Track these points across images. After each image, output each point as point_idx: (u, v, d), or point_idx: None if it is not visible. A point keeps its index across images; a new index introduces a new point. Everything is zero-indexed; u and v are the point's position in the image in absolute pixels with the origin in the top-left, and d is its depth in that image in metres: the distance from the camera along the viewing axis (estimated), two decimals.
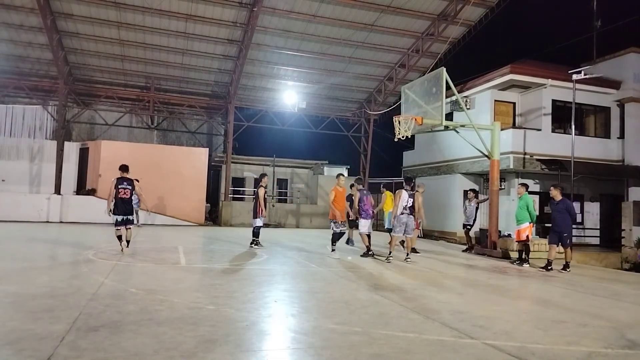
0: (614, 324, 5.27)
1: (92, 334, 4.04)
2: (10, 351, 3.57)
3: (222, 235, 15.08)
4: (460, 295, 6.72)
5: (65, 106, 19.66)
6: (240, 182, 23.54)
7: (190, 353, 3.67)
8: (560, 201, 9.84)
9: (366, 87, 21.90)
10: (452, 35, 17.89)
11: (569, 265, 9.83)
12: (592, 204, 18.18)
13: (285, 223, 21.08)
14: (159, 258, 9.24)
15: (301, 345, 4.08)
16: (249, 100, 22.21)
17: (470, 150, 13.54)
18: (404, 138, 12.17)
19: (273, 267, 8.58)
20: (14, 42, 17.63)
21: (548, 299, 6.75)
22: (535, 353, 4.07)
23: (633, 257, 15.75)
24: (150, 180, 18.22)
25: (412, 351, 3.98)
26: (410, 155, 22.41)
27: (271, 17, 16.94)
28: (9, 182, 19.52)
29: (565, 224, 9.78)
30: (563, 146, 15.49)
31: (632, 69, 17.19)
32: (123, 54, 18.81)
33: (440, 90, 11.69)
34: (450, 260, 11.00)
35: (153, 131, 23.37)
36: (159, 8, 16.07)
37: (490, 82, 17.13)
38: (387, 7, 16.57)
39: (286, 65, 19.93)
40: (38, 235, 12.72)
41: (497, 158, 12.61)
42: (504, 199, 15.91)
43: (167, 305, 5.20)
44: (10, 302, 5.12)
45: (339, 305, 5.57)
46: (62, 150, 19.26)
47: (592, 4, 19.00)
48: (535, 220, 10.78)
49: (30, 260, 8.33)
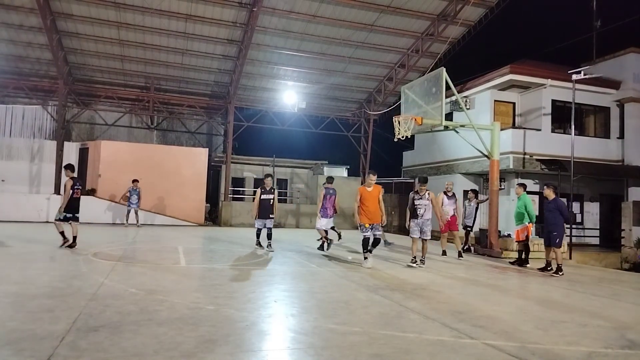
0: (614, 324, 5.27)
1: (92, 334, 4.04)
2: (10, 351, 3.57)
3: (222, 236, 15.08)
4: (460, 295, 6.72)
5: (65, 106, 19.65)
6: (240, 182, 23.54)
7: (190, 353, 3.67)
8: (552, 200, 9.67)
9: (366, 87, 21.89)
10: (452, 35, 17.88)
11: (560, 268, 9.22)
12: (592, 204, 18.20)
13: (285, 223, 21.08)
14: (158, 258, 9.25)
15: (301, 345, 4.08)
16: (249, 100, 22.21)
17: (470, 150, 13.55)
18: (403, 138, 12.18)
19: (273, 267, 8.58)
20: (13, 42, 17.62)
21: (548, 299, 6.75)
22: (535, 353, 4.07)
23: (633, 257, 15.76)
24: (150, 180, 18.24)
25: (412, 351, 3.98)
26: (410, 155, 22.42)
27: (271, 17, 16.93)
28: (9, 182, 19.51)
29: (556, 223, 9.48)
30: (563, 146, 15.49)
31: (631, 69, 17.21)
32: (123, 54, 18.80)
33: (440, 90, 11.69)
34: (450, 260, 11.00)
35: (153, 131, 23.36)
36: (158, 8, 16.07)
37: (490, 82, 17.14)
38: (386, 7, 16.57)
39: (286, 65, 19.92)
40: (38, 236, 12.70)
41: (497, 158, 12.61)
42: (504, 199, 15.92)
43: (167, 305, 5.20)
44: (10, 302, 5.12)
45: (339, 305, 5.57)
46: (61, 150, 19.25)
47: (592, 4, 19.03)
48: (535, 220, 10.78)
49: (30, 261, 8.32)
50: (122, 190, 17.70)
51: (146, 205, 18.12)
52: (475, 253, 12.75)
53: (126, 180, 17.50)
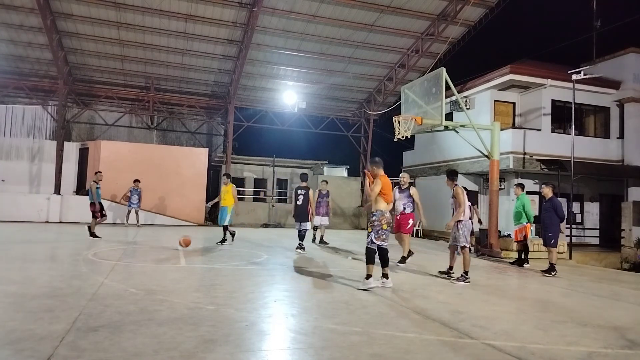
0: (614, 324, 5.27)
1: (92, 334, 4.04)
2: (10, 351, 3.57)
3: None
4: (460, 295, 6.72)
5: (65, 106, 19.65)
6: (240, 182, 23.53)
7: (190, 353, 3.67)
8: (548, 200, 9.62)
9: (366, 87, 21.90)
10: (452, 36, 17.89)
11: (553, 267, 9.09)
12: (592, 204, 18.20)
13: (285, 223, 21.08)
14: (158, 258, 9.24)
15: (301, 345, 4.08)
16: (249, 100, 22.21)
17: (470, 150, 13.54)
18: (403, 138, 12.18)
19: (273, 267, 8.58)
20: (14, 42, 17.63)
21: (548, 299, 6.75)
22: (535, 353, 4.07)
23: (633, 257, 15.76)
24: (150, 180, 18.23)
25: (412, 351, 3.98)
26: (410, 155, 22.42)
27: (271, 17, 16.93)
28: (9, 182, 19.50)
29: (550, 222, 9.42)
30: (563, 146, 15.49)
31: (631, 69, 17.20)
32: (123, 54, 18.80)
33: (440, 90, 11.69)
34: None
35: (153, 131, 23.36)
36: (158, 8, 16.07)
37: (490, 82, 17.14)
38: (386, 7, 16.57)
39: (286, 65, 19.93)
40: (38, 236, 12.71)
41: (497, 158, 12.61)
42: (504, 199, 15.91)
43: (167, 305, 5.20)
44: (10, 302, 5.12)
45: (339, 305, 5.57)
46: (61, 150, 19.26)
47: (592, 4, 19.03)
48: (532, 220, 10.78)
49: (30, 261, 8.32)
50: (122, 190, 17.70)
51: (146, 205, 18.12)
52: (475, 253, 12.74)
53: (126, 180, 17.51)
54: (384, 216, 6.65)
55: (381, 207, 6.70)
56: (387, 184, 6.79)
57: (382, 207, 6.70)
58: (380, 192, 6.68)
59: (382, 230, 6.61)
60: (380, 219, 6.62)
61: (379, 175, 6.82)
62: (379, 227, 6.61)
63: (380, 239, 6.62)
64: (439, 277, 8.13)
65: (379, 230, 6.60)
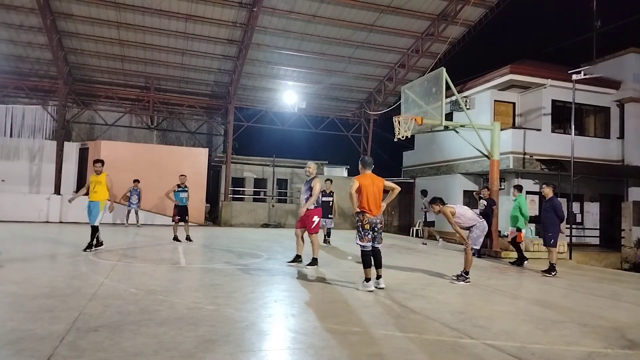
0: (614, 324, 5.26)
1: (92, 334, 4.04)
2: (10, 351, 3.57)
3: (222, 236, 15.08)
4: (460, 295, 6.72)
5: (65, 106, 19.65)
6: (240, 182, 23.55)
7: (190, 353, 3.67)
8: (548, 200, 9.59)
9: (366, 87, 21.90)
10: (452, 36, 17.89)
11: (554, 268, 9.07)
12: (592, 204, 18.20)
13: (285, 223, 21.07)
14: (158, 258, 9.24)
15: (301, 345, 4.07)
16: (249, 100, 22.22)
17: (470, 150, 13.54)
18: (403, 138, 12.18)
19: (273, 267, 8.58)
20: (13, 42, 17.63)
21: (548, 299, 6.75)
22: (535, 353, 4.07)
23: (633, 257, 15.77)
24: (150, 180, 18.21)
25: (412, 351, 3.98)
26: (410, 155, 22.43)
27: (271, 17, 16.94)
28: (9, 182, 19.49)
29: (550, 222, 9.39)
30: (563, 146, 15.50)
31: (631, 69, 17.22)
32: (123, 54, 18.81)
33: (440, 90, 11.70)
34: (450, 260, 10.99)
35: (153, 131, 23.36)
36: (158, 8, 16.07)
37: (490, 82, 17.15)
38: (386, 7, 16.57)
39: (286, 65, 19.93)
40: (38, 236, 12.71)
41: (497, 158, 12.61)
42: (504, 199, 15.91)
43: (167, 305, 5.20)
44: (10, 302, 5.12)
45: (339, 305, 5.57)
46: (61, 150, 19.26)
47: (592, 4, 19.04)
48: (528, 219, 10.77)
49: (30, 261, 8.32)
50: (122, 190, 17.69)
51: (146, 205, 18.11)
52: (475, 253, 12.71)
53: (126, 180, 17.49)
54: (364, 216, 6.56)
55: (359, 208, 6.61)
56: (364, 183, 6.59)
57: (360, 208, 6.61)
58: (358, 192, 6.57)
59: (365, 231, 6.50)
60: (361, 219, 6.53)
61: (362, 174, 6.74)
62: (360, 228, 6.56)
63: (366, 239, 6.52)
64: (439, 278, 8.12)
65: (361, 231, 6.54)
